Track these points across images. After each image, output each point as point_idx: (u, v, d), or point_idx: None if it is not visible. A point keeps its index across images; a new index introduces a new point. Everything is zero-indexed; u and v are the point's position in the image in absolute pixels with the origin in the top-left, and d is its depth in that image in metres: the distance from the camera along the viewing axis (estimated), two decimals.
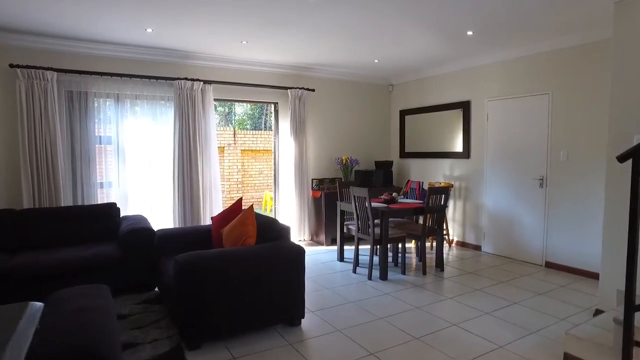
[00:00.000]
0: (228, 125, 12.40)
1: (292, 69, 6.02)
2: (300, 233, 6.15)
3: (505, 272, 4.61)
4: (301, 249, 3.21)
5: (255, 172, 11.97)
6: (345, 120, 6.68)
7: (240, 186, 11.74)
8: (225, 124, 12.77)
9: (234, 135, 11.63)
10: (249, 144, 11.78)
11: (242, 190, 11.78)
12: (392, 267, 4.87)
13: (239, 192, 11.69)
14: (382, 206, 4.60)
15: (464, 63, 5.68)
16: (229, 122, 12.70)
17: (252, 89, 5.79)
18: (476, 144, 5.64)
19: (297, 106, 5.98)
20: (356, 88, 6.74)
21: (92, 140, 4.85)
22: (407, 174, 6.88)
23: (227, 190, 11.53)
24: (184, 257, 2.82)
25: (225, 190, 11.55)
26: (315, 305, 3.68)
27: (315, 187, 6.27)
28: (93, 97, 4.82)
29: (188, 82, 5.14)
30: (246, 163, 11.72)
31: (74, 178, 4.81)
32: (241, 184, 11.76)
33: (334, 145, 6.58)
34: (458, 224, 5.97)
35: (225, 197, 11.53)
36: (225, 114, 12.67)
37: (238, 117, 13.27)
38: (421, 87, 6.51)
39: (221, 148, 11.50)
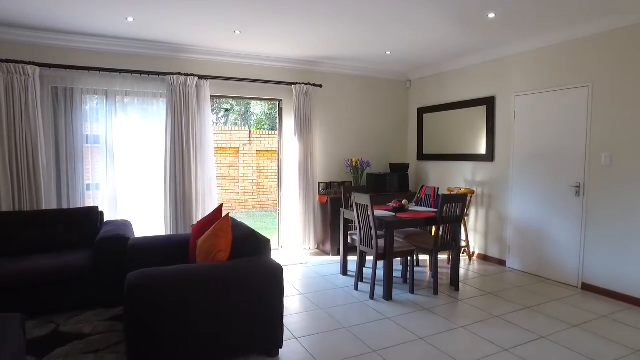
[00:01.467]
0: (244, 125, 12.08)
1: (297, 63, 5.55)
2: (305, 241, 5.66)
3: (532, 295, 3.96)
4: (279, 267, 2.73)
5: (272, 174, 11.57)
6: (357, 119, 6.14)
7: (255, 188, 11.40)
8: (241, 123, 12.46)
9: (249, 135, 11.30)
10: (264, 144, 11.42)
11: (258, 192, 11.43)
12: (400, 284, 4.30)
13: (254, 194, 11.35)
14: (389, 215, 4.05)
15: (487, 54, 5.03)
16: (245, 122, 12.37)
17: (254, 85, 5.36)
18: (501, 145, 4.98)
19: (303, 103, 5.51)
20: (369, 84, 6.19)
21: (79, 139, 4.55)
22: (424, 178, 6.26)
23: (242, 192, 11.21)
24: (135, 275, 2.40)
25: (240, 192, 11.23)
26: (303, 329, 3.18)
27: (323, 192, 5.77)
28: (80, 93, 4.52)
29: (181, 77, 4.76)
30: (262, 164, 11.36)
31: (59, 179, 4.52)
32: (256, 186, 11.42)
33: (344, 146, 6.06)
34: (480, 235, 5.31)
35: (239, 199, 11.22)
36: (242, 114, 12.36)
37: (256, 117, 12.94)
38: (441, 83, 5.89)
39: (235, 149, 11.21)
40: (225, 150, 11.14)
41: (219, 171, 11.06)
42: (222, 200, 11.06)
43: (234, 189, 11.30)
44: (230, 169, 11.24)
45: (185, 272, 2.50)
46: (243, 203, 11.20)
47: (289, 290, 4.10)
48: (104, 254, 3.50)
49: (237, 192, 11.30)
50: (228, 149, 11.16)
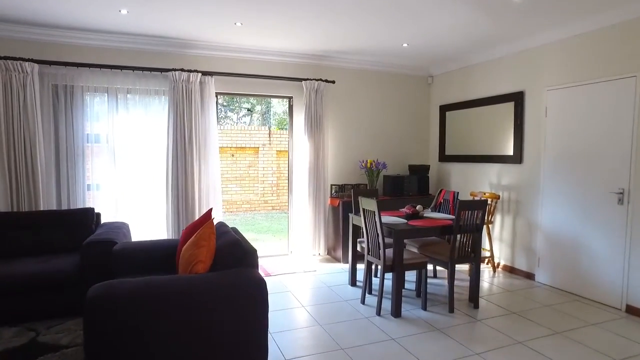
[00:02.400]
0: (264, 125, 11.88)
1: (308, 58, 5.24)
2: (314, 246, 5.33)
3: (564, 317, 3.46)
4: (261, 282, 2.41)
5: None
6: (373, 117, 5.76)
7: (275, 189, 11.18)
8: (261, 123, 12.28)
9: (269, 135, 11.10)
10: (285, 144, 11.17)
11: (277, 193, 11.20)
12: (413, 297, 3.90)
13: (273, 195, 11.13)
14: (400, 222, 3.66)
15: (515, 44, 4.54)
16: (266, 121, 12.18)
17: (261, 82, 5.08)
18: (531, 146, 4.48)
19: (314, 100, 5.18)
20: (386, 79, 5.79)
21: (79, 138, 4.41)
22: (446, 180, 5.80)
23: (261, 193, 11.02)
24: (97, 289, 2.14)
25: (259, 192, 11.04)
26: (295, 348, 2.86)
27: (335, 194, 5.43)
28: (80, 91, 4.38)
29: (184, 74, 4.54)
30: (282, 165, 11.12)
31: (59, 180, 4.39)
32: (276, 187, 11.19)
33: (358, 146, 5.69)
34: (506, 245, 4.81)
35: (259, 200, 11.03)
36: (263, 113, 12.17)
37: (278, 116, 12.73)
38: (465, 77, 5.42)
39: (255, 149, 11.03)
40: (245, 150, 10.98)
41: (237, 171, 10.92)
42: (241, 201, 10.91)
43: (254, 189, 11.12)
44: (249, 169, 11.08)
45: (156, 286, 2.23)
46: (262, 204, 11.00)
47: (290, 302, 3.78)
48: (90, 260, 3.30)
49: (257, 192, 11.11)
50: (247, 148, 10.99)
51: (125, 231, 3.91)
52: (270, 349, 2.86)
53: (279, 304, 3.74)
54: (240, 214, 10.52)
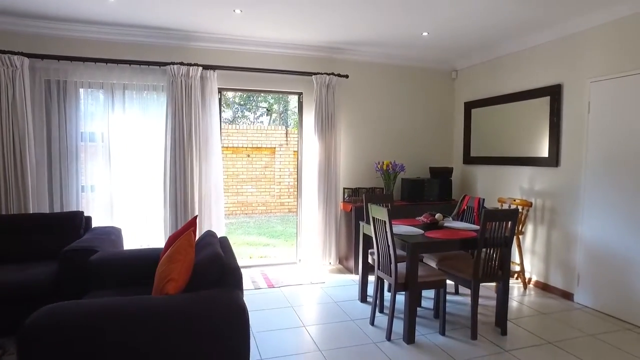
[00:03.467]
0: (281, 125, 11.54)
1: (318, 51, 4.82)
2: (324, 255, 4.91)
3: (613, 351, 2.92)
4: (240, 309, 2.01)
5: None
6: (390, 115, 5.29)
7: (291, 190, 10.82)
8: (279, 122, 11.94)
9: (286, 135, 10.75)
10: None
11: (294, 194, 10.82)
12: (430, 319, 3.42)
13: (290, 197, 10.77)
14: (416, 233, 3.20)
15: (553, 31, 3.99)
16: (283, 121, 11.83)
17: (268, 76, 4.70)
18: (569, 147, 3.92)
19: (325, 96, 4.76)
20: (406, 74, 5.31)
21: (73, 137, 4.15)
22: (471, 184, 5.27)
23: (278, 194, 10.69)
24: (37, 316, 1.79)
25: (276, 194, 10.72)
26: None
27: (348, 199, 4.99)
28: (74, 87, 4.11)
29: (183, 68, 4.22)
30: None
31: (51, 181, 4.14)
32: (293, 188, 10.83)
33: (374, 146, 5.23)
34: (539, 259, 4.26)
35: (275, 202, 10.70)
36: (280, 113, 11.84)
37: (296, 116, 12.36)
38: (493, 71, 4.88)
39: (271, 149, 10.71)
40: (261, 150, 10.68)
41: (253, 172, 10.63)
42: (256, 202, 10.61)
43: (270, 191, 10.80)
44: (265, 170, 10.77)
45: (112, 312, 1.86)
46: (278, 206, 10.67)
47: (290, 320, 3.38)
48: (67, 270, 2.99)
49: (273, 194, 10.78)
50: (264, 149, 10.69)
51: (114, 237, 3.61)
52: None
53: (277, 322, 3.34)
54: (255, 216, 10.21)
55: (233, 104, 11.58)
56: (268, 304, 3.75)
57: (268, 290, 4.13)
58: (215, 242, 2.63)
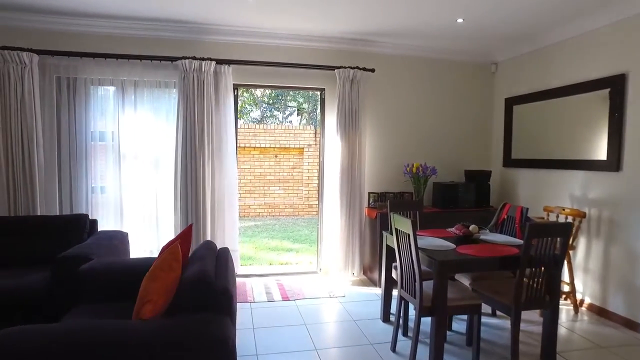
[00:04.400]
0: (310, 125, 11.23)
1: (342, 43, 4.44)
2: (347, 265, 4.51)
3: None
4: (222, 339, 1.67)
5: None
6: (421, 113, 4.82)
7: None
8: (308, 122, 11.63)
9: (315, 135, 10.41)
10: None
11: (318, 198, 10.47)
12: (462, 346, 2.96)
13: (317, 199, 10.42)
14: (446, 247, 2.76)
15: (615, 12, 3.41)
16: (313, 120, 11.51)
17: (288, 71, 4.37)
18: (634, 148, 3.33)
19: (348, 92, 4.37)
20: (438, 68, 4.83)
21: (84, 136, 3.99)
22: (512, 190, 4.72)
23: (306, 196, 10.38)
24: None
25: (304, 196, 10.40)
26: None
27: (373, 204, 4.58)
28: (83, 84, 3.95)
29: (195, 62, 3.96)
30: None
31: (60, 182, 3.99)
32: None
33: (403, 147, 4.79)
34: (593, 278, 3.67)
35: (303, 204, 10.39)
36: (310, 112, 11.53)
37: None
38: (540, 62, 4.32)
39: (300, 149, 10.41)
40: (289, 151, 10.41)
41: (281, 173, 10.37)
42: (283, 204, 10.34)
43: (297, 192, 10.51)
44: (293, 172, 10.48)
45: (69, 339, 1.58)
46: (306, 208, 10.35)
47: (301, 341, 3.02)
48: (59, 278, 2.77)
49: (301, 196, 10.49)
50: (292, 149, 10.41)
51: (118, 243, 3.39)
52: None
53: (287, 343, 2.99)
54: (281, 218, 9.94)
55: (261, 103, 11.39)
56: (279, 319, 3.41)
57: (282, 303, 3.79)
58: (210, 255, 2.31)
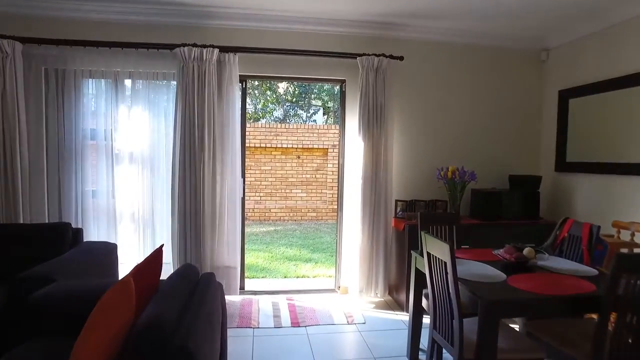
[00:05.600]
0: (335, 124, 10.64)
1: (366, 27, 3.85)
2: (369, 284, 3.89)
3: None
4: None
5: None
6: (457, 108, 4.15)
7: None
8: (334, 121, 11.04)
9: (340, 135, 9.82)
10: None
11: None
12: None
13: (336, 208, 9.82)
14: (495, 277, 2.12)
15: None
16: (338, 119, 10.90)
17: (303, 60, 3.81)
18: None
19: (373, 83, 3.76)
20: (477, 55, 4.14)
21: (73, 134, 3.57)
22: (567, 200, 3.97)
23: (330, 200, 9.81)
24: None
25: (328, 200, 9.84)
26: None
27: (401, 214, 3.95)
28: (73, 76, 3.53)
29: (195, 50, 3.46)
30: None
31: (49, 185, 3.59)
32: None
33: (436, 148, 4.13)
34: None
35: (326, 208, 9.82)
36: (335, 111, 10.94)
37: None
38: (604, 45, 3.57)
39: (324, 150, 9.86)
40: (313, 151, 9.87)
41: (304, 175, 9.85)
42: (306, 208, 9.81)
43: (321, 196, 9.95)
44: (317, 174, 9.94)
45: None
46: (330, 213, 9.77)
47: None
48: (13, 304, 2.31)
49: (325, 200, 9.92)
50: (315, 150, 9.87)
51: (102, 257, 2.94)
52: None
53: None
54: (304, 223, 9.40)
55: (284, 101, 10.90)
56: (284, 352, 2.86)
57: (290, 330, 3.22)
58: (182, 288, 1.77)
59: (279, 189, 9.71)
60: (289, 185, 9.79)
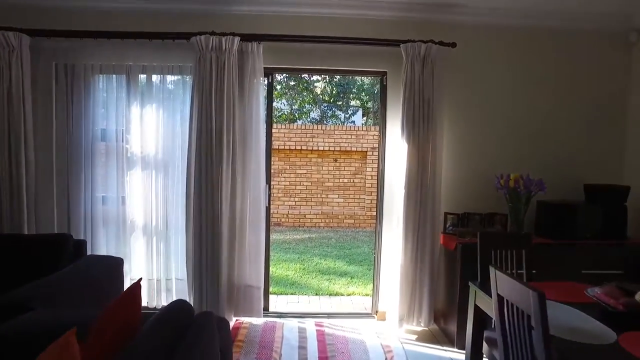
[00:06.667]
0: (375, 125, 10.04)
1: (412, 10, 3.28)
2: (412, 310, 3.29)
3: None
4: None
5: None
6: (520, 104, 3.48)
7: None
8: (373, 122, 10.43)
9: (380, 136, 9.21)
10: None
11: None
12: None
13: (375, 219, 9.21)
14: (599, 335, 1.50)
15: None
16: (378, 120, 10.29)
17: (337, 49, 3.30)
18: None
19: (419, 75, 3.18)
20: (546, 40, 3.45)
21: (85, 135, 3.26)
22: None
23: (369, 206, 9.22)
24: None
25: (366, 206, 9.25)
26: None
27: (451, 230, 3.34)
28: (83, 71, 3.21)
29: (213, 39, 3.03)
30: None
31: (59, 191, 3.28)
32: None
33: (494, 151, 3.48)
34: None
35: (365, 214, 9.23)
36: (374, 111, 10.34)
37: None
38: None
39: (362, 153, 9.29)
40: (351, 154, 9.33)
41: (341, 179, 9.33)
42: (343, 215, 9.26)
43: (359, 202, 9.38)
44: (355, 178, 9.38)
45: None
46: (369, 220, 9.17)
47: None
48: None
49: (363, 206, 9.34)
50: (354, 153, 9.32)
51: (101, 274, 2.57)
52: None
53: None
54: (340, 230, 8.87)
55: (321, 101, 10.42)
56: None
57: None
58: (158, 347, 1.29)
59: (314, 194, 9.25)
60: (325, 190, 9.30)
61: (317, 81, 9.92)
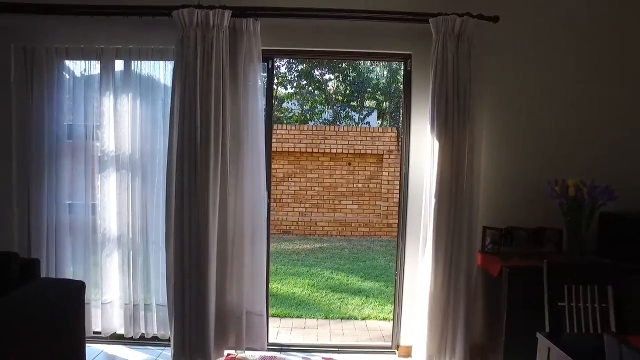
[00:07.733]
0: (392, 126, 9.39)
1: None
2: (442, 350, 2.66)
3: None
4: None
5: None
6: (578, 94, 2.82)
7: None
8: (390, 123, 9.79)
9: (397, 138, 8.57)
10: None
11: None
12: None
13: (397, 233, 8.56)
14: None
15: None
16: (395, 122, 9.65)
17: (351, 26, 2.72)
18: None
19: (453, 57, 2.56)
20: (613, 11, 2.80)
21: (49, 133, 2.72)
22: None
23: (385, 213, 8.59)
24: None
25: (382, 213, 8.62)
26: None
27: (491, 248, 2.70)
28: (45, 55, 2.68)
29: (199, 13, 2.48)
30: None
31: (19, 199, 2.75)
32: None
33: (546, 152, 2.83)
34: None
35: (380, 222, 8.59)
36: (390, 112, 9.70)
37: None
38: None
39: (378, 156, 8.67)
40: (365, 157, 8.72)
41: (355, 184, 8.72)
42: (357, 223, 8.63)
43: (375, 208, 8.76)
44: (370, 183, 8.76)
45: None
46: (385, 228, 8.52)
47: None
48: None
49: (378, 213, 8.71)
50: (369, 155, 8.71)
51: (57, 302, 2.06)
52: None
53: None
54: (354, 239, 8.23)
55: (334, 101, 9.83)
56: None
57: None
58: None
59: (326, 200, 8.65)
60: (338, 196, 8.70)
61: (329, 80, 9.34)
